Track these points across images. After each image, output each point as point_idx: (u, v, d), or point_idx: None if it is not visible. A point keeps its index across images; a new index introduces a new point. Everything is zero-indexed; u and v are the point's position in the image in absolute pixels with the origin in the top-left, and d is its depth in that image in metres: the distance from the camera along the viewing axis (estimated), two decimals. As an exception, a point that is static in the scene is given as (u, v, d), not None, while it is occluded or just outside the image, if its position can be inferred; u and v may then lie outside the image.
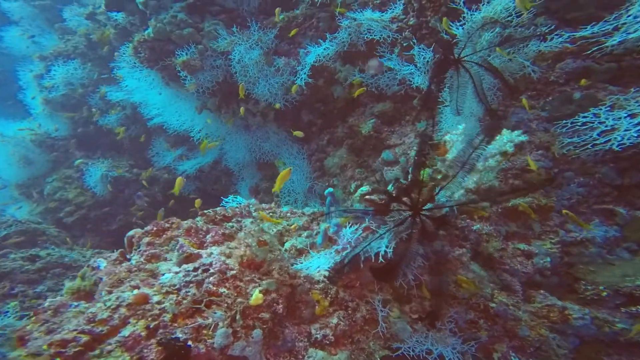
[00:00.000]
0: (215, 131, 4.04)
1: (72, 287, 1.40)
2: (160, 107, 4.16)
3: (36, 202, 4.76)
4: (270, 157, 4.02)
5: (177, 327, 1.05)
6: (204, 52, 3.30)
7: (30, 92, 5.10)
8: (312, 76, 3.01)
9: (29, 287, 3.43)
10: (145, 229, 1.50)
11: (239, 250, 1.20)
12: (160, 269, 1.30)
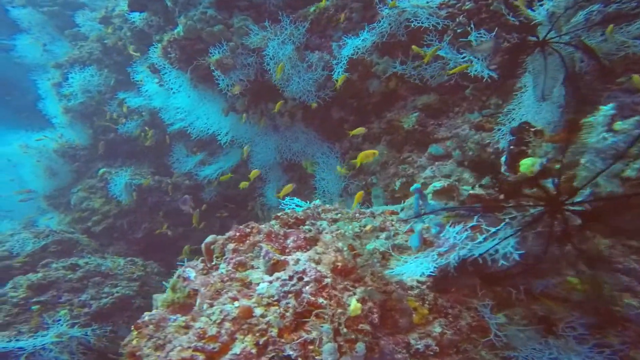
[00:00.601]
0: (244, 133, 4.10)
1: (166, 300, 1.46)
2: (186, 111, 4.22)
3: (64, 213, 4.92)
4: (299, 158, 4.07)
5: (285, 342, 1.09)
6: (235, 50, 3.33)
7: (49, 101, 5.21)
8: (346, 70, 3.02)
9: (73, 295, 3.59)
10: (227, 234, 1.56)
11: (328, 256, 1.24)
12: (251, 278, 1.35)
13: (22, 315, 3.16)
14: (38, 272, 3.54)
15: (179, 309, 1.48)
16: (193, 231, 5.72)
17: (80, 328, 3.40)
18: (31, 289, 3.31)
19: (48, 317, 3.28)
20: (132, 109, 5.05)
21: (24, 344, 2.96)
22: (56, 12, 5.55)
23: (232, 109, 4.08)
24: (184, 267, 1.55)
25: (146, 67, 4.62)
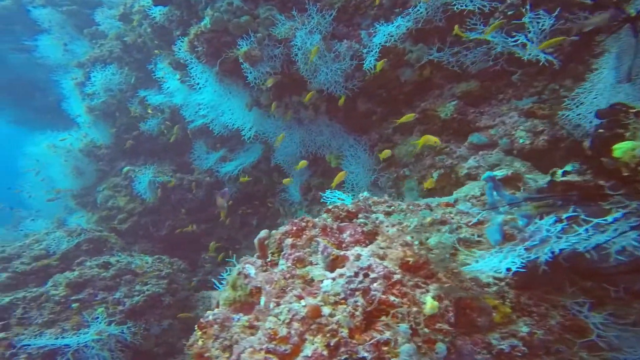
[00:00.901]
0: (268, 128, 4.10)
1: (228, 299, 1.48)
2: (209, 107, 4.25)
3: (91, 211, 5.07)
4: (323, 152, 4.05)
5: (357, 343, 1.06)
6: (262, 41, 3.31)
7: (73, 101, 5.33)
8: (377, 59, 2.96)
9: (108, 293, 3.72)
10: (283, 229, 1.55)
11: (395, 251, 1.22)
12: (312, 275, 1.35)
13: (63, 313, 3.29)
14: (74, 270, 3.68)
15: (240, 307, 1.49)
16: (215, 227, 5.82)
17: (116, 326, 3.53)
18: (69, 287, 3.44)
19: (87, 314, 3.42)
20: (153, 106, 5.12)
21: (69, 342, 3.09)
22: (75, 11, 5.64)
23: (256, 103, 4.08)
24: (243, 264, 1.56)
25: (167, 63, 4.66)
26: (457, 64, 2.57)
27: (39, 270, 3.58)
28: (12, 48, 6.04)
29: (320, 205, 4.44)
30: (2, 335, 2.87)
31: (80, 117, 5.28)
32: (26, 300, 3.20)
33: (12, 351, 2.85)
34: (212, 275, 5.66)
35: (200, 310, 4.71)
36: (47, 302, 3.26)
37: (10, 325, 3.01)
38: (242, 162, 5.19)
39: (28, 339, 2.93)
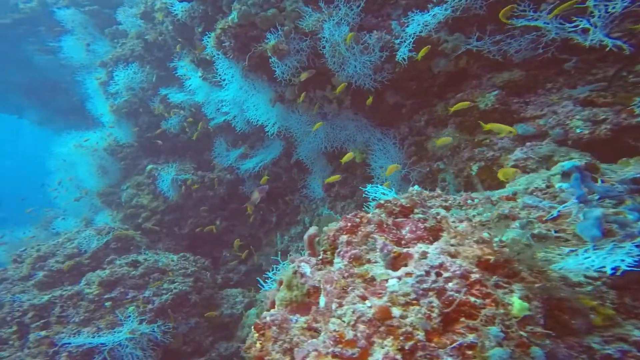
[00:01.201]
0: (293, 123, 4.06)
1: (284, 299, 1.44)
2: (232, 103, 4.24)
3: (116, 210, 5.15)
4: (347, 147, 3.99)
5: (437, 347, 1.02)
6: (289, 35, 3.26)
7: (97, 100, 5.42)
8: (410, 50, 2.87)
9: (138, 292, 3.76)
10: (337, 225, 1.51)
11: (469, 248, 1.16)
12: (372, 274, 1.29)
13: (97, 311, 3.36)
14: (105, 268, 3.74)
15: (296, 308, 1.45)
16: (235, 225, 5.85)
17: (147, 324, 3.57)
18: (102, 285, 3.49)
19: (119, 313, 3.47)
20: (173, 104, 5.14)
21: (104, 340, 3.15)
22: (96, 11, 5.71)
23: (280, 98, 4.05)
24: (298, 262, 1.52)
25: (189, 61, 4.67)
26: (498, 53, 2.45)
27: (72, 268, 3.64)
28: (37, 49, 6.18)
29: (343, 201, 4.40)
30: (43, 334, 2.93)
31: (104, 117, 5.35)
32: (63, 298, 3.26)
33: (54, 349, 2.91)
34: (234, 273, 5.71)
35: (225, 308, 4.74)
36: (82, 300, 3.32)
37: (50, 324, 3.08)
38: (262, 159, 5.19)
39: (67, 337, 2.99)
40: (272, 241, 5.73)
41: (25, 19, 5.91)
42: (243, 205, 4.99)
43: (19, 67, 6.72)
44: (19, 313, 3.13)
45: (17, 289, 3.33)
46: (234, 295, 4.96)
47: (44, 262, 3.58)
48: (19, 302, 3.16)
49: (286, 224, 5.64)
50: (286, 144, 4.90)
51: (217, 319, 4.59)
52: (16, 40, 6.17)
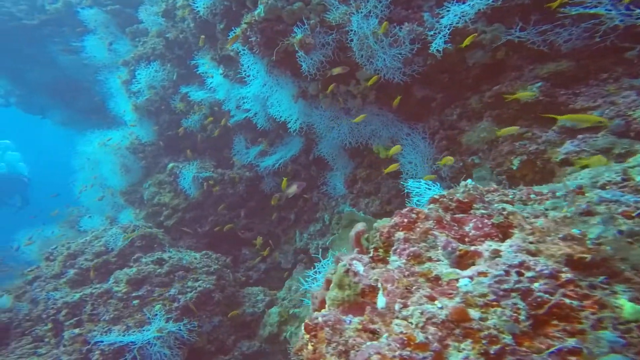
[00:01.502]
0: (316, 119, 3.99)
1: (336, 299, 1.38)
2: (255, 99, 4.19)
3: (139, 208, 5.18)
4: (373, 142, 3.89)
5: (530, 352, 0.93)
6: (315, 28, 3.19)
7: (120, 99, 5.46)
8: (445, 41, 2.75)
9: (164, 290, 3.76)
10: (392, 221, 1.43)
11: (553, 246, 1.06)
12: (437, 272, 1.21)
13: (126, 309, 3.36)
14: (132, 266, 3.75)
15: (349, 308, 1.38)
16: (254, 223, 5.82)
17: (173, 323, 3.56)
18: (129, 283, 3.50)
19: (147, 311, 3.46)
20: (193, 102, 5.13)
21: (134, 339, 3.14)
22: (117, 11, 5.76)
23: (303, 94, 3.98)
24: (349, 260, 1.45)
25: (209, 58, 4.64)
26: (544, 44, 2.32)
27: (100, 266, 3.66)
28: (61, 50, 6.27)
29: (367, 198, 4.30)
30: (77, 332, 2.94)
31: (126, 115, 5.38)
32: (93, 296, 3.27)
33: (87, 347, 2.91)
34: (254, 271, 5.68)
35: (247, 306, 4.71)
36: (112, 298, 3.33)
37: (82, 322, 3.09)
38: (282, 156, 5.13)
39: (99, 335, 2.99)
40: (291, 239, 5.68)
41: (50, 19, 6.01)
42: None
43: (44, 68, 6.86)
44: (54, 311, 3.15)
45: (50, 287, 3.36)
46: (255, 293, 4.93)
47: (74, 260, 3.61)
48: (53, 300, 3.18)
49: (304, 222, 5.59)
50: (306, 141, 4.83)
51: (240, 317, 4.56)
52: (42, 41, 6.29)
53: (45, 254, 3.90)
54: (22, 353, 3.06)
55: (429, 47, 2.83)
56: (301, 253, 5.33)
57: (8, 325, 3.46)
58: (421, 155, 3.35)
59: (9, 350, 3.14)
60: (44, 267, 3.72)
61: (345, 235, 4.14)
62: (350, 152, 4.36)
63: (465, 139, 2.92)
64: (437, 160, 3.17)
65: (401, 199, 3.69)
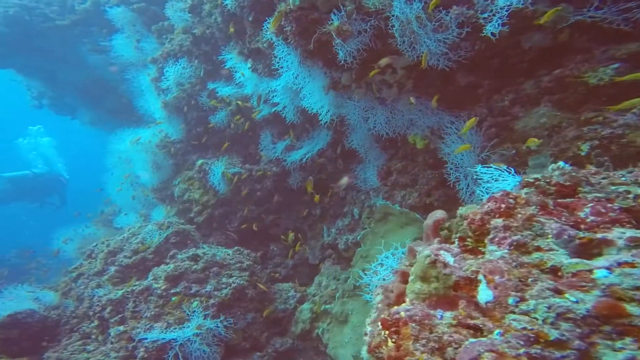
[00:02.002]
0: (348, 110, 3.85)
1: (421, 292, 1.25)
2: (284, 92, 4.08)
3: (170, 205, 5.16)
4: (411, 132, 3.73)
5: None
6: (351, 15, 3.04)
7: (149, 97, 5.44)
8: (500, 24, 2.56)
9: (200, 286, 3.71)
10: (483, 208, 1.28)
11: None
12: (555, 263, 1.06)
13: (165, 306, 3.32)
14: (168, 263, 3.71)
15: (437, 302, 1.25)
16: (281, 218, 5.72)
17: (211, 319, 3.50)
18: (168, 280, 3.46)
19: (185, 307, 3.41)
20: (220, 98, 5.07)
21: (175, 335, 3.10)
22: (143, 9, 5.75)
23: (334, 85, 3.84)
24: (435, 251, 1.32)
25: (237, 53, 4.55)
26: (626, 23, 2.11)
27: (138, 263, 3.63)
28: (90, 49, 6.33)
29: (403, 190, 4.11)
30: (122, 329, 2.91)
31: (156, 113, 5.36)
32: (134, 293, 3.24)
33: (133, 344, 2.88)
34: (282, 267, 5.59)
35: (279, 303, 4.62)
36: (152, 295, 3.29)
37: (126, 319, 3.06)
38: (309, 150, 4.99)
39: (142, 332, 2.95)
40: (318, 234, 5.56)
41: (80, 19, 6.06)
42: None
43: (74, 68, 6.94)
44: (99, 308, 3.13)
45: (93, 284, 3.35)
46: (285, 289, 4.84)
47: (114, 257, 3.59)
48: (98, 297, 3.16)
49: (331, 217, 5.46)
50: (334, 134, 4.68)
51: (272, 314, 4.49)
52: (73, 41, 6.36)
53: (86, 252, 3.90)
54: (73, 350, 3.06)
55: (479, 31, 2.65)
56: (329, 248, 5.21)
57: (58, 321, 3.48)
58: (466, 143, 3.17)
59: (61, 347, 3.15)
60: (87, 265, 3.72)
61: (380, 229, 3.98)
62: (382, 144, 4.20)
63: (520, 126, 2.73)
64: (487, 148, 3.00)
65: (442, 190, 3.51)
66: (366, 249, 3.97)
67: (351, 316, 4.07)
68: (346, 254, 4.82)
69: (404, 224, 3.61)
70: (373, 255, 3.81)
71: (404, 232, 3.60)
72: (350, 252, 4.86)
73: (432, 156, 3.56)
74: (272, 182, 5.42)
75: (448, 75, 3.18)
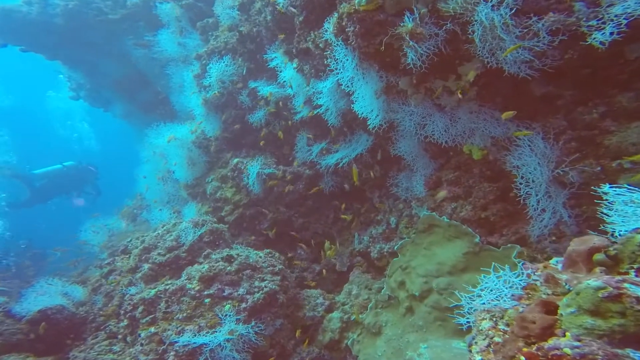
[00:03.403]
0: (401, 115, 3.42)
1: (595, 328, 0.85)
2: (330, 94, 3.70)
3: (201, 202, 4.82)
4: (471, 142, 3.25)
5: None
6: (424, 18, 2.65)
7: (189, 93, 5.14)
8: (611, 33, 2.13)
9: (233, 289, 3.32)
10: None
11: None
12: None
13: (198, 308, 2.95)
14: (201, 263, 3.34)
15: (624, 341, 0.85)
16: (311, 222, 5.31)
17: (243, 324, 3.11)
18: (202, 281, 3.09)
19: (218, 310, 3.03)
20: (260, 98, 4.72)
21: (206, 340, 2.71)
22: (191, 5, 5.49)
23: (387, 89, 3.44)
24: (615, 283, 0.90)
25: (282, 52, 4.20)
26: None
27: (172, 262, 3.27)
28: (134, 44, 6.10)
29: (454, 202, 3.59)
30: (153, 330, 2.54)
31: (196, 110, 5.04)
32: (167, 293, 2.87)
33: (163, 347, 2.50)
34: (308, 272, 5.17)
35: (307, 309, 4.19)
36: (185, 296, 2.92)
37: (157, 319, 2.69)
38: (346, 155, 4.57)
39: (173, 334, 2.58)
40: (346, 240, 5.14)
41: (129, 14, 5.85)
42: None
43: (116, 62, 6.74)
44: (130, 307, 2.78)
45: (125, 281, 3.00)
46: (314, 296, 4.41)
47: (148, 254, 3.24)
48: (130, 296, 2.81)
49: (361, 224, 5.01)
50: (375, 139, 4.25)
51: (300, 320, 4.06)
52: (120, 35, 6.15)
53: (120, 247, 3.57)
54: (100, 350, 2.72)
55: (576, 39, 2.23)
56: (358, 256, 4.78)
57: (85, 318, 3.14)
58: (539, 156, 2.71)
59: (87, 346, 2.81)
60: (119, 261, 3.39)
61: (423, 240, 3.52)
62: (432, 152, 3.74)
63: (615, 141, 2.27)
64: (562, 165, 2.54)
65: (501, 204, 3.04)
66: (406, 260, 3.52)
67: (385, 328, 3.63)
68: (379, 262, 4.38)
69: (452, 237, 3.16)
70: (414, 267, 3.37)
71: (451, 245, 3.16)
72: (384, 262, 4.42)
73: (490, 168, 3.12)
74: (304, 185, 5.03)
75: (520, 85, 2.76)
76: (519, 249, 2.65)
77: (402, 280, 3.43)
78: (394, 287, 3.55)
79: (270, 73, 4.89)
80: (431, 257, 3.23)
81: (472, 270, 2.86)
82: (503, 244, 2.82)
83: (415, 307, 3.24)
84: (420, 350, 2.69)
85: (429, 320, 2.98)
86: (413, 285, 3.21)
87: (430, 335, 2.89)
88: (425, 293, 3.08)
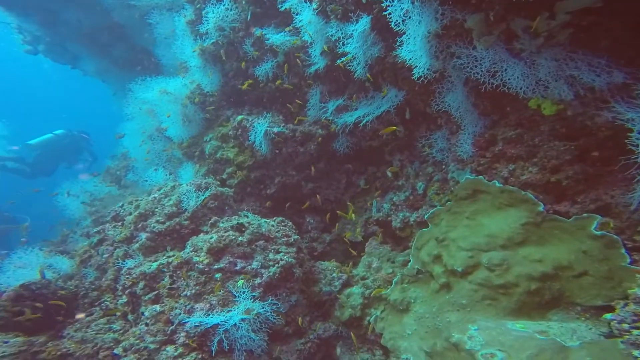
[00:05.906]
0: (469, 62, 2.74)
1: None
2: (360, 39, 3.01)
3: (199, 163, 4.13)
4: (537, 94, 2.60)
5: None
6: None
7: (182, 43, 4.25)
8: None
9: (246, 262, 2.78)
10: None
11: None
12: None
13: (208, 284, 2.40)
14: (209, 232, 2.75)
15: None
16: (321, 188, 4.75)
17: (258, 302, 2.61)
18: (210, 253, 2.51)
19: (231, 287, 2.49)
20: (267, 48, 3.96)
21: (219, 320, 2.20)
22: None
23: (445, 31, 2.75)
24: None
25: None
26: None
27: (172, 231, 2.66)
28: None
29: (512, 163, 2.92)
30: (158, 309, 1.99)
31: (190, 61, 4.19)
32: (171, 267, 2.29)
33: (172, 327, 1.97)
34: (318, 242, 4.69)
35: (323, 284, 3.74)
36: (192, 270, 2.35)
37: (161, 297, 2.12)
38: (368, 112, 3.90)
39: (181, 313, 2.04)
40: (360, 208, 4.58)
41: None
42: None
43: (83, 9, 5.49)
44: (129, 282, 2.20)
45: (120, 253, 2.39)
46: (330, 269, 3.93)
47: (145, 222, 2.61)
48: (128, 269, 2.22)
49: (376, 189, 4.46)
50: (407, 94, 3.57)
51: (317, 296, 3.62)
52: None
53: (110, 213, 2.90)
54: (98, 329, 2.18)
55: None
56: (375, 225, 4.26)
57: (75, 294, 2.56)
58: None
59: (83, 324, 2.26)
60: (110, 229, 2.75)
61: (465, 209, 3.02)
62: (482, 108, 3.11)
63: None
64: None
65: (579, 166, 2.53)
66: (442, 231, 3.05)
67: (414, 305, 3.21)
68: (401, 233, 3.90)
69: (504, 204, 2.70)
70: (454, 239, 2.93)
71: (502, 215, 2.70)
72: (407, 232, 3.94)
73: (567, 125, 2.57)
74: (316, 146, 4.38)
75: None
76: (599, 218, 2.22)
77: (438, 253, 2.99)
78: (427, 261, 3.10)
79: (280, 18, 4.09)
80: (477, 228, 2.77)
81: (532, 244, 2.44)
82: (576, 213, 2.38)
83: (454, 283, 2.82)
84: (470, 332, 2.29)
85: (475, 298, 2.57)
86: (453, 259, 2.77)
87: (477, 315, 2.50)
88: (470, 269, 2.65)
